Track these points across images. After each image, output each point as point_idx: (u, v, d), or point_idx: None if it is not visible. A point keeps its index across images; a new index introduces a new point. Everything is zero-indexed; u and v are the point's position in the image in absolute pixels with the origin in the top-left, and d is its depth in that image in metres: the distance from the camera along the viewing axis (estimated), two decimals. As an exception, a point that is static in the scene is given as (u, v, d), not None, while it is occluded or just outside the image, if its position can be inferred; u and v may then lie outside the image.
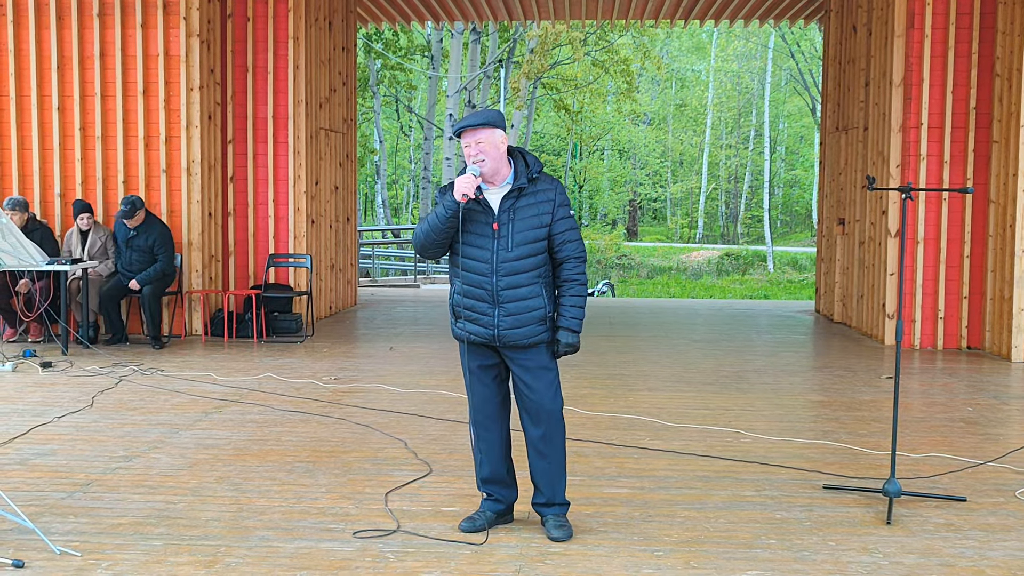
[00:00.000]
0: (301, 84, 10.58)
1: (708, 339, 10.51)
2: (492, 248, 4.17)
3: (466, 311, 4.24)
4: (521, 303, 4.17)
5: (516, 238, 4.16)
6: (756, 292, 26.43)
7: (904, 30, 9.68)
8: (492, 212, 4.19)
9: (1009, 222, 9.07)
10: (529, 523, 4.41)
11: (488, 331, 4.20)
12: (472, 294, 4.21)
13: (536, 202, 4.20)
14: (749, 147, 45.18)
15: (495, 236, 4.17)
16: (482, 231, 4.19)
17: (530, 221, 4.18)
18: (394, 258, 25.47)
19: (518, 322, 4.17)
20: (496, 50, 30.34)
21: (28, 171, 10.00)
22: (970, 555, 4.11)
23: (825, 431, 6.28)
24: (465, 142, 4.18)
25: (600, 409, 6.82)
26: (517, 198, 4.20)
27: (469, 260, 4.21)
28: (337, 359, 8.87)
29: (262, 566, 3.90)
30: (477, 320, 4.22)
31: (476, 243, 4.19)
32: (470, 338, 4.25)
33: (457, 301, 4.28)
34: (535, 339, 4.21)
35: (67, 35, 9.93)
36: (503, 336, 4.19)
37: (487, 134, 4.15)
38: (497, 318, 4.18)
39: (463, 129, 4.17)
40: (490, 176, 4.19)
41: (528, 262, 4.18)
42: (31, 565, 3.87)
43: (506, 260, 4.16)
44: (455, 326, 4.32)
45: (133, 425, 6.24)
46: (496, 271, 4.17)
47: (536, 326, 4.19)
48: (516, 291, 4.17)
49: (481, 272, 4.19)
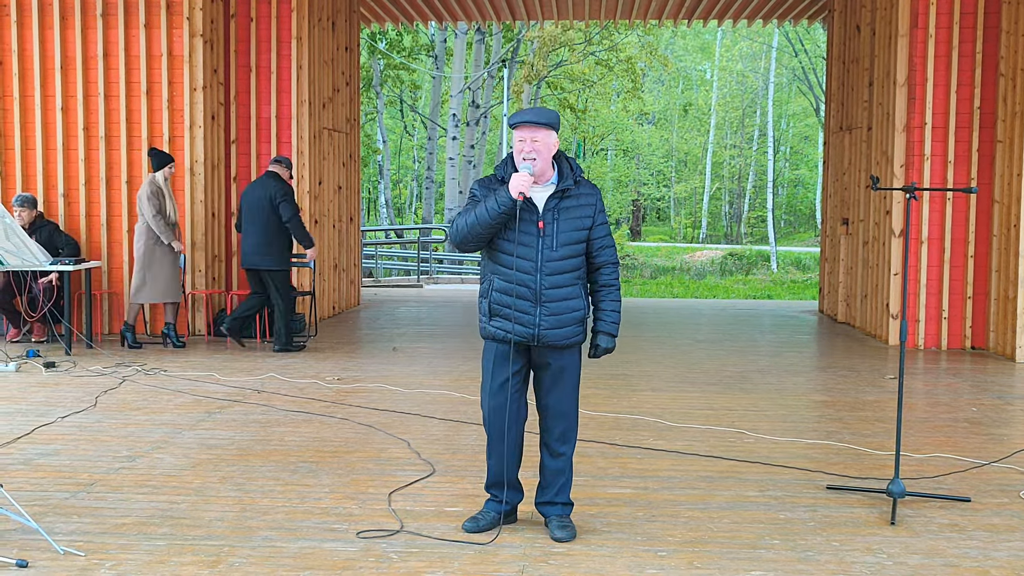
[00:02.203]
0: (304, 84, 10.58)
1: (711, 339, 10.50)
2: (537, 246, 4.17)
3: (508, 309, 4.21)
4: (563, 303, 4.19)
5: (560, 238, 4.18)
6: (760, 292, 26.40)
7: (908, 30, 9.67)
8: (537, 211, 4.19)
9: (1013, 222, 9.05)
10: (532, 523, 4.41)
11: (528, 330, 4.18)
12: (514, 292, 4.19)
13: (579, 205, 4.22)
14: (753, 147, 45.14)
15: (540, 235, 4.17)
16: (527, 229, 4.18)
17: (574, 223, 4.20)
18: (397, 258, 25.46)
19: (559, 322, 4.18)
20: (500, 50, 30.33)
21: (32, 171, 10.01)
22: (974, 555, 4.10)
23: (829, 431, 6.27)
24: (520, 136, 4.17)
25: (603, 409, 6.82)
26: (561, 199, 4.21)
27: (513, 257, 4.18)
28: (340, 359, 8.87)
29: (265, 566, 3.90)
30: (517, 319, 4.19)
31: (521, 240, 4.18)
32: (506, 336, 4.22)
33: (495, 299, 4.23)
34: (572, 340, 4.23)
35: (70, 35, 9.94)
36: (543, 336, 4.18)
37: (545, 134, 4.16)
38: (539, 317, 4.17)
39: (524, 123, 4.16)
40: (537, 175, 4.19)
41: (570, 263, 4.20)
42: (35, 565, 3.87)
43: (551, 259, 4.17)
44: (489, 324, 4.27)
45: (136, 425, 6.25)
46: (540, 270, 4.16)
47: (575, 327, 4.22)
48: (559, 291, 4.18)
49: (525, 270, 4.17)
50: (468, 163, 28.19)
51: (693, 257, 35.78)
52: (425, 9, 14.11)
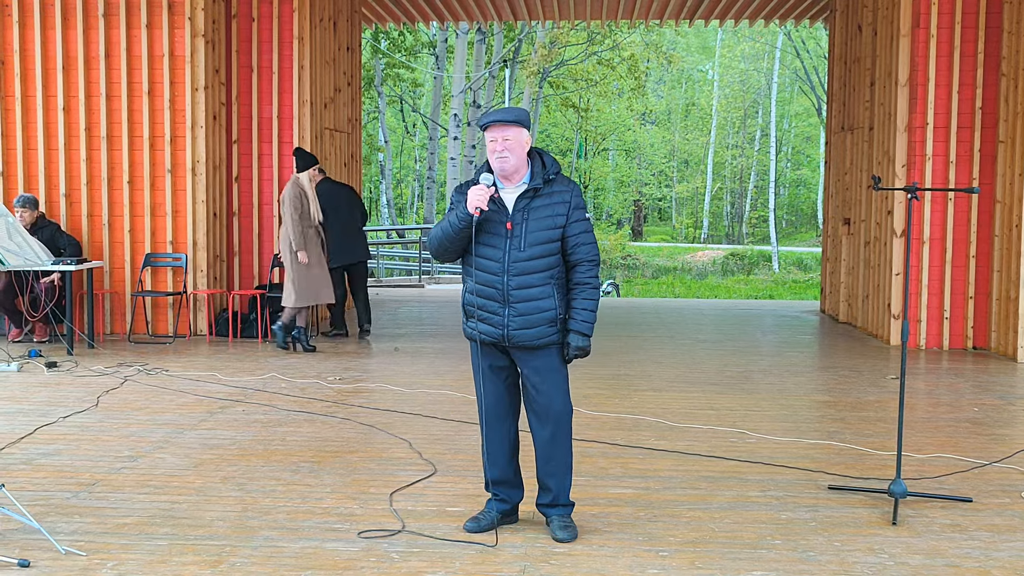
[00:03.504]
0: (306, 84, 10.59)
1: (713, 339, 10.49)
2: (504, 248, 4.15)
3: (477, 310, 4.22)
4: (531, 303, 4.15)
5: (529, 238, 4.14)
6: (761, 292, 26.39)
7: (909, 30, 9.66)
8: (506, 211, 4.18)
9: (1015, 222, 9.04)
10: (534, 523, 4.41)
11: (498, 331, 4.19)
12: (483, 293, 4.20)
13: (551, 203, 4.18)
14: (755, 147, 45.13)
15: (508, 235, 4.15)
16: (495, 230, 4.17)
17: (544, 222, 4.16)
18: (399, 258, 25.47)
19: (528, 323, 4.16)
20: (501, 49, 30.33)
21: (33, 171, 10.01)
22: (976, 556, 4.10)
23: (830, 431, 6.27)
24: (491, 136, 4.15)
25: (605, 409, 6.82)
26: (532, 198, 4.18)
27: (481, 259, 4.19)
28: (342, 359, 8.88)
29: (267, 566, 3.91)
30: (488, 320, 4.20)
31: (489, 242, 4.17)
32: (481, 338, 4.23)
33: (468, 300, 4.26)
34: (544, 340, 4.19)
35: (72, 35, 9.94)
36: (512, 336, 4.17)
37: (515, 132, 4.14)
38: (507, 318, 4.16)
39: (492, 123, 4.14)
40: (509, 174, 4.18)
41: (540, 263, 4.16)
42: (36, 565, 3.88)
43: (518, 260, 4.14)
44: (466, 325, 4.30)
45: (138, 425, 6.25)
46: (507, 271, 4.15)
47: (546, 327, 4.18)
48: (527, 291, 4.15)
49: (492, 271, 4.17)
50: (469, 163, 28.19)
51: (695, 257, 35.77)
52: (427, 9, 14.11)
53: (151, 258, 9.99)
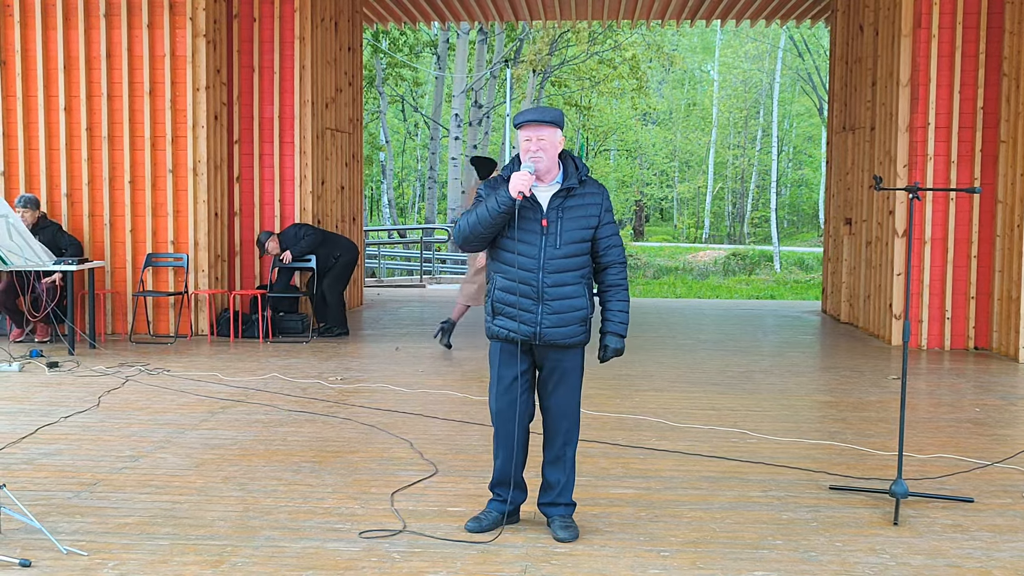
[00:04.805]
0: (307, 84, 10.59)
1: (714, 339, 10.49)
2: (540, 244, 4.16)
3: (508, 307, 4.20)
4: (566, 302, 4.17)
5: (564, 236, 4.16)
6: (763, 292, 26.38)
7: (911, 30, 9.66)
8: (541, 209, 4.18)
9: (1017, 222, 9.04)
10: (535, 523, 4.41)
11: (530, 328, 4.17)
12: (516, 290, 4.18)
13: (584, 204, 4.20)
14: (756, 147, 45.11)
15: (543, 233, 4.16)
16: (530, 227, 4.17)
17: (578, 222, 4.18)
18: (400, 258, 25.48)
19: (561, 320, 4.16)
20: (502, 49, 30.33)
21: (35, 171, 10.02)
22: (977, 556, 4.10)
23: (832, 432, 6.27)
24: (526, 135, 4.16)
25: (606, 409, 6.82)
26: (566, 198, 4.19)
27: (517, 256, 4.18)
28: (343, 359, 8.88)
29: (268, 566, 3.91)
30: (518, 317, 4.18)
31: (524, 239, 4.17)
32: (509, 335, 4.21)
33: (499, 297, 4.23)
34: (575, 339, 4.20)
35: (73, 35, 9.95)
36: (544, 334, 4.17)
37: (550, 132, 4.15)
38: (541, 315, 4.16)
39: (528, 122, 4.15)
40: (542, 173, 4.19)
41: (575, 261, 4.18)
42: (38, 564, 3.88)
43: (554, 257, 4.15)
44: (492, 323, 4.26)
45: (139, 425, 6.25)
46: (543, 267, 4.15)
47: (577, 326, 4.20)
48: (562, 289, 4.16)
49: (528, 268, 4.16)
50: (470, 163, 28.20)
51: (696, 257, 35.75)
52: (428, 9, 14.12)
53: (152, 258, 9.99)
